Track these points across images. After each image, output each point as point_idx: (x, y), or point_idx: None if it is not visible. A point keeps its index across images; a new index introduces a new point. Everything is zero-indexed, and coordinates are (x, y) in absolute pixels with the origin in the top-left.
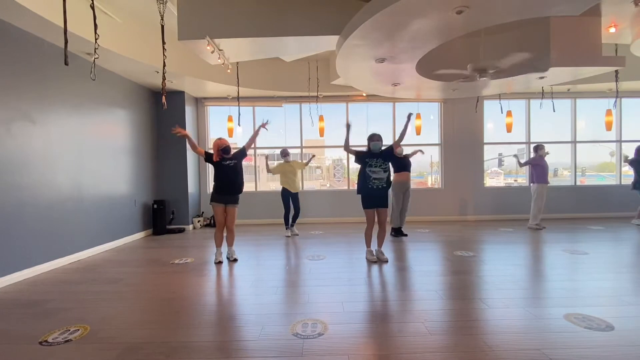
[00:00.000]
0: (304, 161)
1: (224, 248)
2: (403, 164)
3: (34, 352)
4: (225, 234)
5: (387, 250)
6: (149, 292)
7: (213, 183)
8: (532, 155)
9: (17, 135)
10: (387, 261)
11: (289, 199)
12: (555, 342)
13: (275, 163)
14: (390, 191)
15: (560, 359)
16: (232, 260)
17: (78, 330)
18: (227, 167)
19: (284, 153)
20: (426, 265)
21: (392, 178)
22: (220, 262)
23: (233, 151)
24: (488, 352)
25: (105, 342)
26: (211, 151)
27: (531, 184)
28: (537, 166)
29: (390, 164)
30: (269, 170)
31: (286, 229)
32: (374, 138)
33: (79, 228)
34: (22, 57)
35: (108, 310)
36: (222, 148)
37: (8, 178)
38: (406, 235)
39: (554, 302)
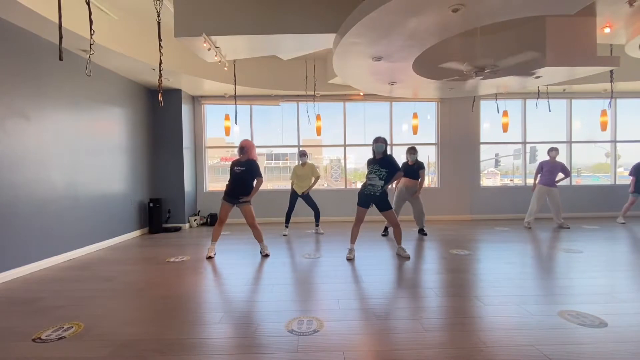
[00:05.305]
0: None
1: (230, 246)
2: (410, 171)
3: (27, 350)
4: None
5: (386, 249)
6: (143, 289)
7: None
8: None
9: (11, 132)
10: (408, 258)
11: (295, 199)
12: (549, 339)
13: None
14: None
15: (555, 355)
16: (264, 256)
17: (72, 327)
18: (235, 173)
19: (302, 154)
20: (422, 263)
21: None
22: (210, 257)
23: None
24: (483, 348)
25: (99, 339)
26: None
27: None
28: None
29: (388, 172)
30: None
31: (285, 227)
32: (379, 140)
33: (74, 226)
34: (16, 53)
35: (102, 307)
36: (239, 147)
37: (2, 176)
38: (425, 234)
39: (548, 299)
